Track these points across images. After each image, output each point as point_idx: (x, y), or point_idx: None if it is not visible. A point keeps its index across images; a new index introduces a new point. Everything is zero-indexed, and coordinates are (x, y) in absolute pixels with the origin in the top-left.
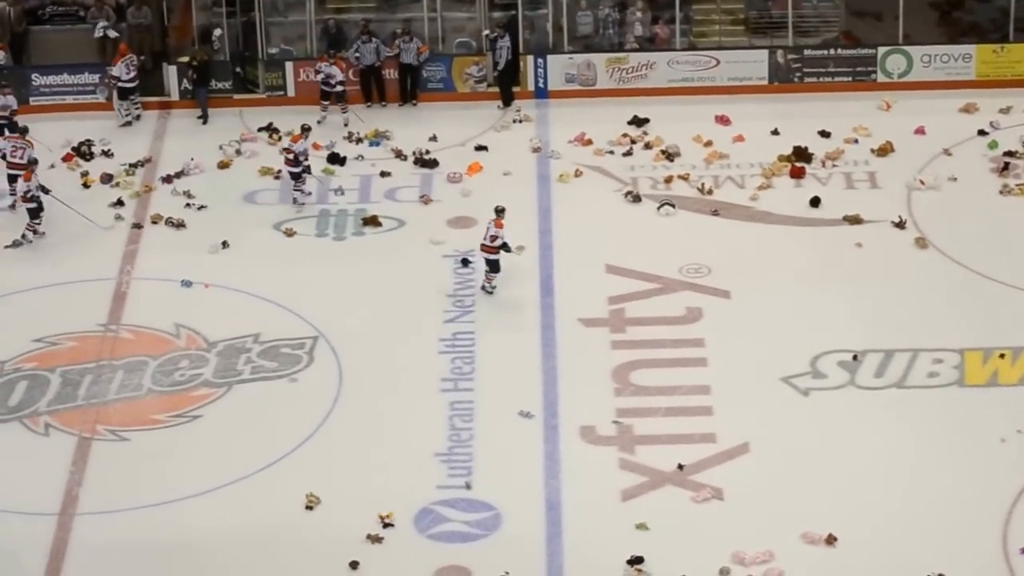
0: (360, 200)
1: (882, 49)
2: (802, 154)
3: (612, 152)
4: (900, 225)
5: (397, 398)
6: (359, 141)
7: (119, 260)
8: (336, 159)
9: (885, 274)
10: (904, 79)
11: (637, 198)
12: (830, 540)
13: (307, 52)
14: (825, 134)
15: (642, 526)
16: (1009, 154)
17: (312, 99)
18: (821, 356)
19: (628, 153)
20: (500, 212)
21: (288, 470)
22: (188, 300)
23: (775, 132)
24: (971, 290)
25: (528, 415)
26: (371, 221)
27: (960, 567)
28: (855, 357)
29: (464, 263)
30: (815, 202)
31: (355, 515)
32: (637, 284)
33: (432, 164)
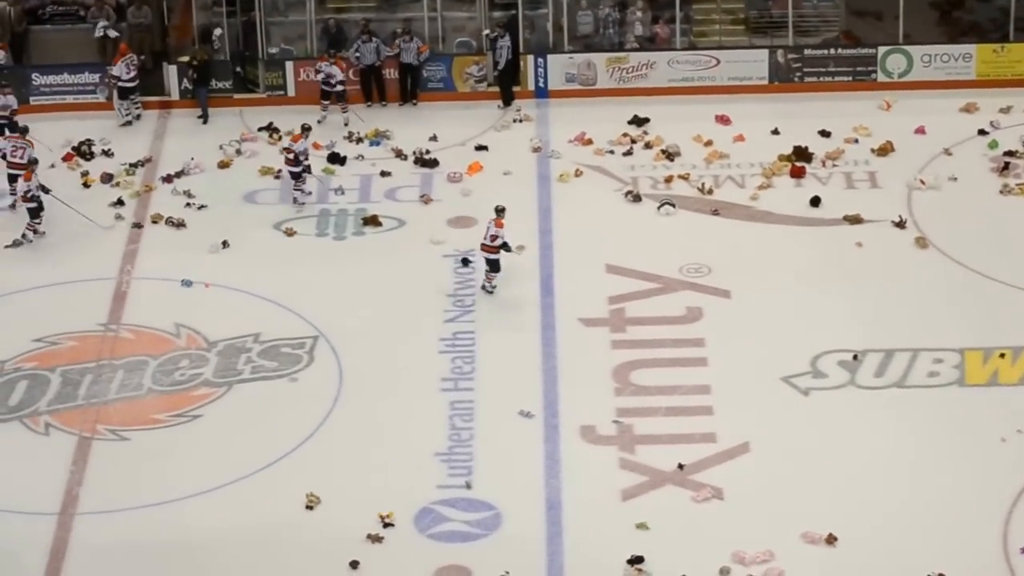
0: (360, 200)
1: (882, 49)
2: (802, 154)
3: (612, 152)
4: (900, 225)
5: (397, 398)
6: (359, 141)
7: (119, 260)
8: (336, 159)
9: (885, 274)
10: (904, 79)
11: (637, 198)
12: (830, 540)
13: (307, 52)
14: (825, 134)
15: (642, 526)
16: (1009, 154)
17: (312, 99)
18: (821, 356)
19: (628, 153)
20: (500, 212)
21: (288, 470)
22: (188, 300)
23: (775, 132)
24: (971, 290)
25: (528, 415)
26: (371, 221)
27: (960, 567)
28: (855, 357)
29: (464, 263)
30: (815, 202)
31: (355, 515)
32: (637, 284)
33: (432, 164)
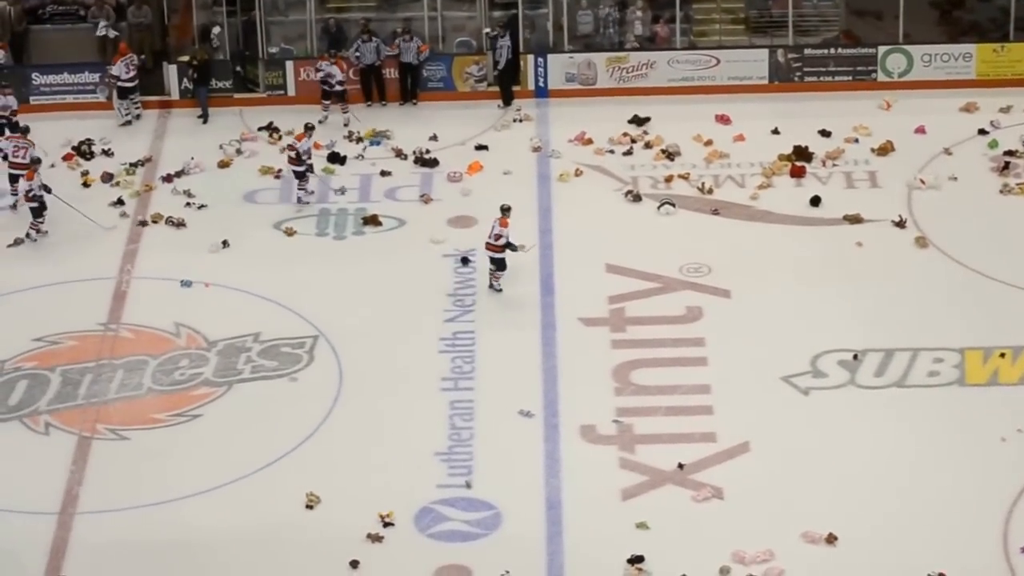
0: (360, 199)
1: (882, 48)
2: (802, 153)
3: (612, 151)
4: (900, 224)
5: (397, 397)
6: (359, 140)
7: (119, 259)
8: (336, 158)
9: (885, 273)
10: (904, 78)
11: (637, 197)
12: (830, 539)
13: (307, 51)
14: (825, 133)
15: (642, 525)
16: (1009, 153)
17: (312, 98)
18: (821, 355)
19: (628, 152)
20: (506, 211)
21: (288, 469)
22: (188, 299)
23: (775, 131)
24: (971, 289)
25: (528, 414)
26: (371, 220)
27: (960, 566)
28: (855, 356)
29: (464, 262)
30: (815, 201)
31: (355, 514)
32: (637, 283)
33: (432, 163)
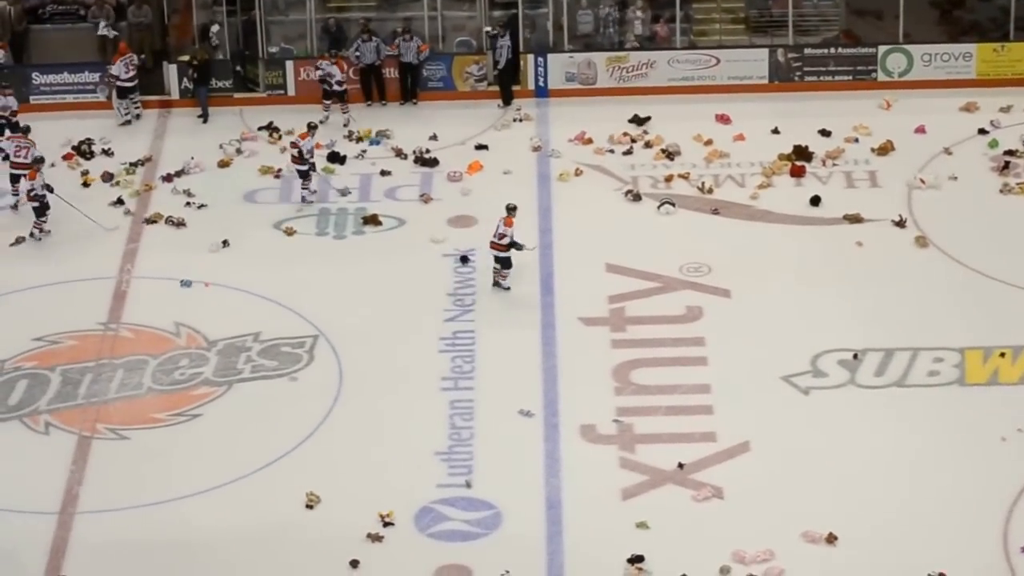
0: (360, 199)
1: (882, 48)
2: (802, 153)
3: (612, 151)
4: (900, 224)
5: (397, 397)
6: (359, 140)
7: (119, 259)
8: (336, 158)
9: (885, 273)
10: (904, 78)
11: (637, 197)
12: (830, 539)
13: (307, 51)
14: (825, 133)
15: (642, 525)
16: (1009, 153)
17: (312, 98)
18: (821, 355)
19: (628, 152)
20: (511, 210)
21: (288, 469)
22: (188, 299)
23: (775, 131)
24: (971, 289)
25: (528, 414)
26: (371, 220)
27: (961, 566)
28: (855, 356)
29: (463, 261)
30: (815, 201)
31: (355, 514)
32: (637, 283)
33: (432, 163)
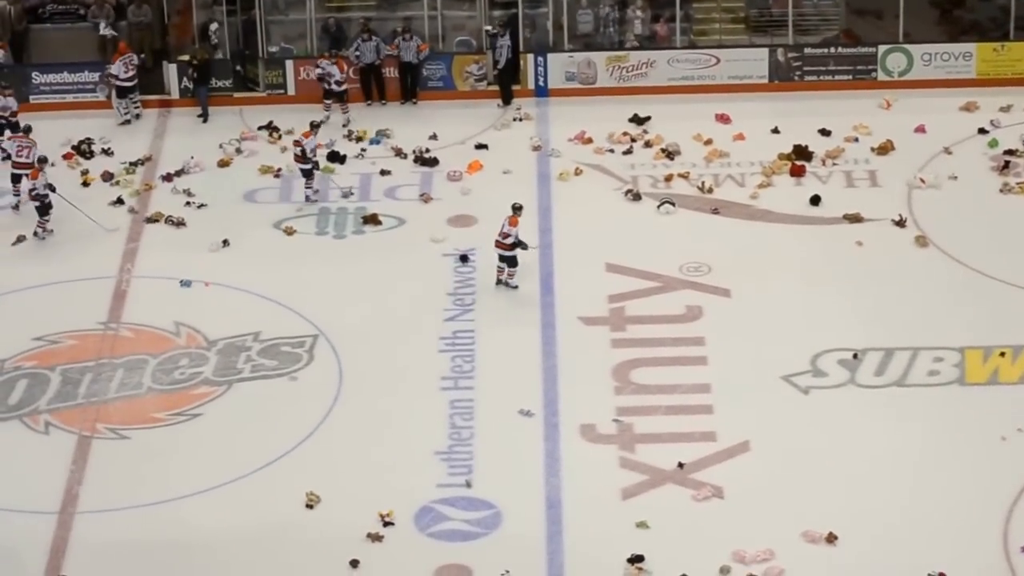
0: (360, 198)
1: (882, 47)
2: (802, 152)
3: (612, 150)
4: (900, 223)
5: (397, 396)
6: (357, 140)
7: (119, 258)
8: (336, 157)
9: (885, 272)
10: (904, 77)
11: (637, 196)
12: (830, 538)
13: (307, 51)
14: (825, 132)
15: (642, 524)
16: (1009, 152)
17: (312, 97)
18: (821, 354)
19: (628, 151)
20: (517, 210)
21: (288, 468)
22: (188, 298)
23: (775, 130)
24: (971, 288)
25: (528, 413)
26: (371, 219)
27: (961, 565)
28: (855, 355)
29: (463, 260)
30: (815, 200)
31: (355, 513)
32: (637, 282)
33: (432, 162)
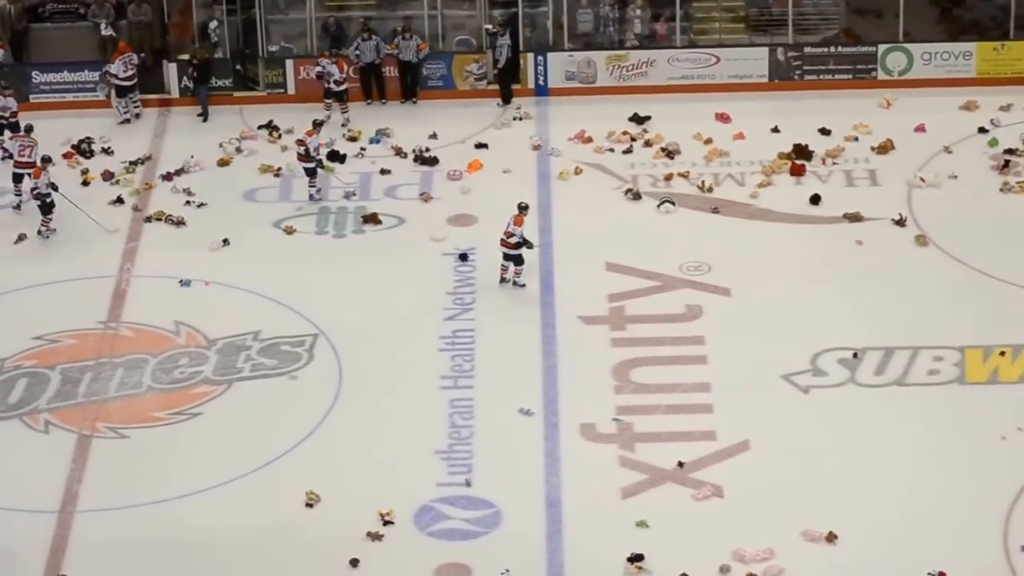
0: (360, 198)
1: (882, 47)
2: (802, 151)
3: (612, 150)
4: (900, 223)
5: (397, 396)
6: (352, 140)
7: (119, 258)
8: (336, 156)
9: (885, 272)
10: (904, 77)
11: (637, 196)
12: (830, 538)
13: (307, 50)
14: (825, 132)
15: (642, 524)
16: (1009, 152)
17: (312, 96)
18: (821, 354)
19: (628, 151)
20: (523, 209)
21: (288, 468)
22: (188, 298)
23: (775, 130)
24: (971, 287)
25: (528, 412)
26: (371, 219)
27: (961, 565)
28: (855, 355)
29: (462, 259)
30: (815, 199)
31: (355, 513)
32: (637, 282)
33: (432, 162)
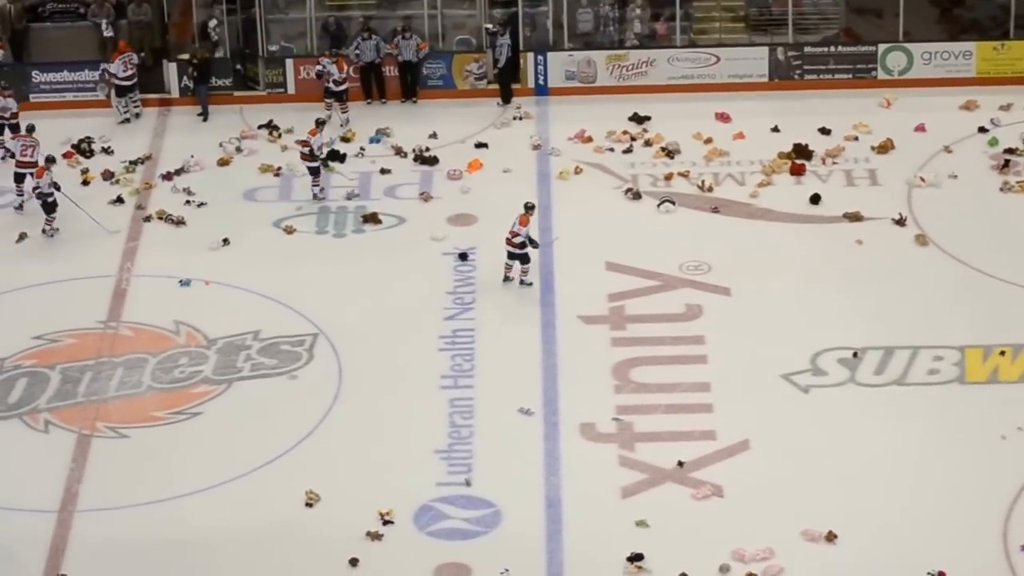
0: (360, 197)
1: (882, 46)
2: (802, 151)
3: (612, 149)
4: (900, 222)
5: (397, 395)
6: (345, 140)
7: (119, 257)
8: (336, 156)
9: (885, 271)
10: (904, 76)
11: (637, 195)
12: (830, 537)
13: (307, 49)
14: (825, 131)
15: (642, 523)
16: (1009, 151)
17: (312, 96)
18: (821, 353)
19: (628, 150)
20: (529, 209)
21: (288, 467)
22: (188, 297)
23: (775, 129)
24: (971, 287)
25: (528, 412)
26: (371, 218)
27: (960, 564)
28: (855, 354)
29: (462, 258)
30: (815, 199)
31: (355, 512)
32: (637, 281)
33: (432, 161)
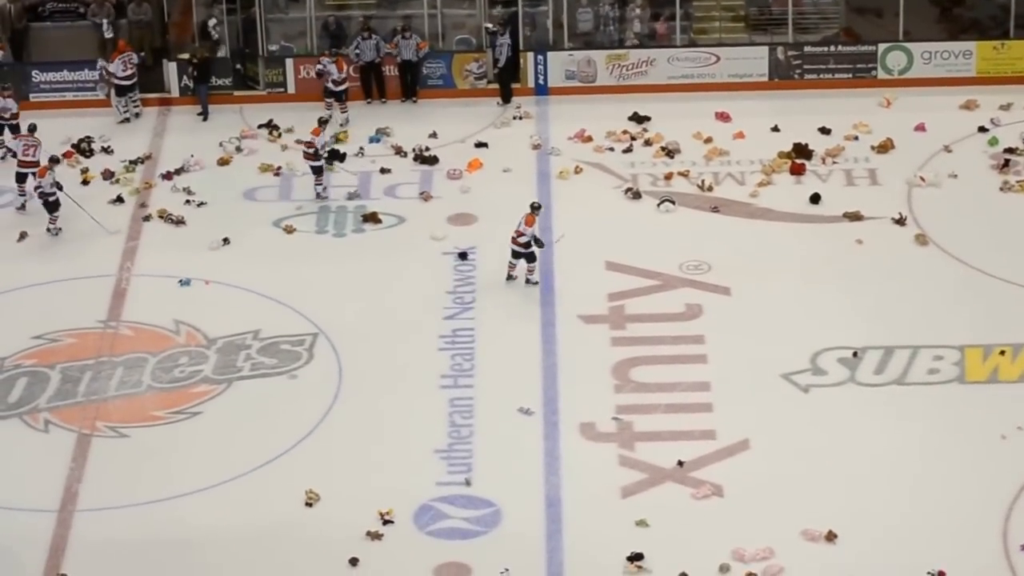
0: (360, 197)
1: (882, 46)
2: (802, 151)
3: (612, 149)
4: (900, 222)
5: (397, 395)
6: (337, 141)
7: (119, 257)
8: (336, 155)
9: (885, 271)
10: (904, 76)
11: (637, 195)
12: (830, 537)
13: (307, 49)
14: (825, 131)
15: (642, 523)
16: (1009, 151)
17: (312, 96)
18: (821, 353)
19: (628, 150)
20: (535, 209)
21: (288, 467)
22: (188, 297)
23: (775, 129)
24: (971, 287)
25: (528, 412)
26: (371, 218)
27: (960, 564)
28: (855, 354)
29: (462, 257)
30: (815, 199)
31: (355, 512)
32: (637, 281)
33: (432, 161)
